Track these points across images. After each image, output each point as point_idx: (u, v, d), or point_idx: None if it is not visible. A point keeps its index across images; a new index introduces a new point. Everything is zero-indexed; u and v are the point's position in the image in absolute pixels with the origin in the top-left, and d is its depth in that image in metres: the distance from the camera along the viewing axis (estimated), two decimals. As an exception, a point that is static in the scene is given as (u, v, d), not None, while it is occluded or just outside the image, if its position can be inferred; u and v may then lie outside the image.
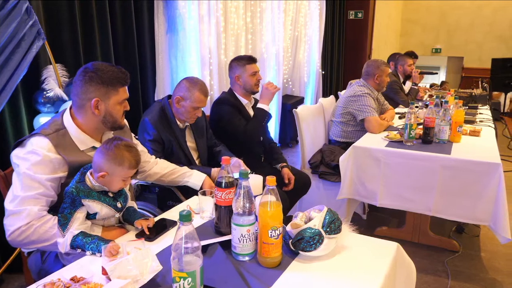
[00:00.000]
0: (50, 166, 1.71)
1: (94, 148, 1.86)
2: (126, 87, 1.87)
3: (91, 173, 1.69)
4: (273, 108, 5.79)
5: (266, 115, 3.04)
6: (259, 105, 3.06)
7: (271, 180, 1.41)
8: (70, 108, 1.87)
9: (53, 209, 1.76)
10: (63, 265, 1.65)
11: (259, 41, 5.33)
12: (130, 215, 1.82)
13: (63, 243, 1.61)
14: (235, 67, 3.10)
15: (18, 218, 1.65)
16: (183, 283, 1.19)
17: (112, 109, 1.82)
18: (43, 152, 1.70)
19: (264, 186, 1.50)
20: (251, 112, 3.16)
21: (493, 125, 3.97)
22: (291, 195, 3.05)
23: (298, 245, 1.50)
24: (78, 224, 1.63)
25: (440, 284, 2.88)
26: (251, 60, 3.10)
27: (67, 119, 1.84)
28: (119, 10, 3.24)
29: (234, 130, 3.01)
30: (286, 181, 3.04)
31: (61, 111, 1.89)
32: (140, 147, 2.23)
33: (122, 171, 1.66)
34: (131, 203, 1.90)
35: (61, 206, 1.65)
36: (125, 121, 2.17)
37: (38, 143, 1.72)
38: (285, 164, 3.16)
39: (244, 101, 3.14)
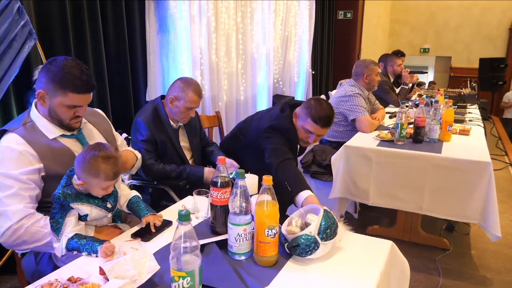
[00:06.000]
0: (21, 159, 1.70)
1: (64, 135, 1.85)
2: (85, 95, 1.78)
3: None
4: (264, 107, 5.79)
5: (290, 195, 2.24)
6: (307, 194, 2.17)
7: (267, 179, 1.42)
8: (36, 103, 1.85)
9: (43, 209, 1.76)
10: (57, 267, 1.64)
11: (250, 41, 5.33)
12: (135, 209, 1.81)
13: (59, 247, 1.60)
14: (303, 107, 2.58)
15: (5, 218, 1.65)
16: (182, 283, 1.19)
17: (56, 108, 1.77)
18: (11, 146, 1.70)
19: (260, 185, 1.51)
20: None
21: (482, 124, 4.01)
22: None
23: (293, 250, 1.52)
24: (71, 227, 1.62)
25: (431, 282, 2.91)
26: (319, 120, 2.50)
27: (33, 112, 1.83)
28: (110, 10, 3.23)
29: (267, 159, 2.53)
30: None
31: (29, 108, 1.88)
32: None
33: (98, 182, 1.62)
34: (132, 192, 1.89)
35: (51, 212, 1.63)
36: (100, 111, 2.16)
37: (6, 140, 1.73)
38: None
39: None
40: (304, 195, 2.17)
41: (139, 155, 2.27)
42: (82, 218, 1.68)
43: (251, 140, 2.74)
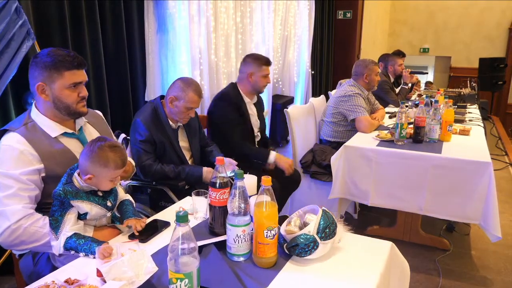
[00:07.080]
0: (22, 159, 1.69)
1: (66, 134, 1.85)
2: (79, 71, 1.80)
3: (78, 174, 1.67)
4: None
5: (263, 160, 3.16)
6: (272, 155, 3.17)
7: (267, 180, 1.41)
8: (35, 102, 1.85)
9: (43, 210, 1.75)
10: (55, 267, 1.63)
11: (249, 41, 5.32)
12: (122, 211, 1.80)
13: (57, 245, 1.60)
14: (250, 64, 3.18)
15: (4, 218, 1.64)
16: (180, 284, 1.18)
17: (59, 94, 1.77)
18: (13, 145, 1.69)
19: (258, 186, 1.50)
20: (253, 110, 3.26)
21: (482, 124, 4.00)
22: (282, 191, 3.06)
23: (293, 251, 1.50)
24: (70, 225, 1.61)
25: (431, 283, 2.90)
26: (268, 62, 3.21)
27: (33, 112, 1.83)
28: (109, 10, 3.22)
29: (226, 134, 3.14)
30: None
31: (29, 108, 1.88)
32: None
33: (108, 172, 1.65)
34: (126, 195, 1.89)
35: (51, 209, 1.63)
36: (99, 113, 2.15)
37: (7, 139, 1.72)
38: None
39: (246, 99, 3.25)
40: (272, 158, 3.14)
41: (133, 162, 2.27)
42: (81, 217, 1.68)
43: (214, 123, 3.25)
